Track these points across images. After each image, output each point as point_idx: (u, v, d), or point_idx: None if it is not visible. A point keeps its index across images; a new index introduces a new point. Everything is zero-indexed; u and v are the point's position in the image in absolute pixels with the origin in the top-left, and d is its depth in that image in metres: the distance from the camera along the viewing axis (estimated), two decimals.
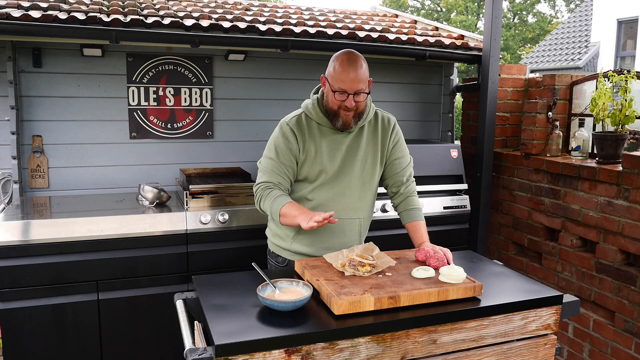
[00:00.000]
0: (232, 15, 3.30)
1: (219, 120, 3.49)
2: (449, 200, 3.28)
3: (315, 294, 1.67)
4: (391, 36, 3.40)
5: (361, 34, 3.33)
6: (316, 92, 2.16)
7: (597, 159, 2.81)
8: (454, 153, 3.33)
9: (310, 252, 2.13)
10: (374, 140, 2.14)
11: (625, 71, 2.74)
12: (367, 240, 2.23)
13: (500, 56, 3.42)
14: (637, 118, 2.70)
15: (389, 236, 2.96)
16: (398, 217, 2.25)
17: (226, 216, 2.75)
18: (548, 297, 1.74)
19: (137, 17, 2.88)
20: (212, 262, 2.75)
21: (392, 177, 2.21)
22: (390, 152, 2.18)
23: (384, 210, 3.06)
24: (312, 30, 3.21)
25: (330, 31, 3.27)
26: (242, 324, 1.49)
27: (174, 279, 2.70)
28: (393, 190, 2.23)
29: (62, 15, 2.73)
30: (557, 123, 3.09)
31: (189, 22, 2.96)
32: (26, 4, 2.90)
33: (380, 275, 1.75)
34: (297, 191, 2.13)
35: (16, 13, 2.68)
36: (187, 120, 3.41)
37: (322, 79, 2.07)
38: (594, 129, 3.04)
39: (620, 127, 2.72)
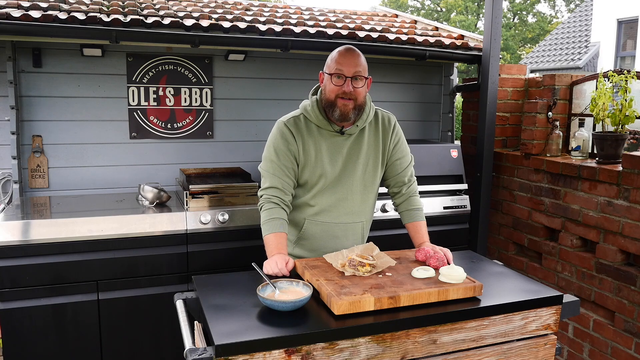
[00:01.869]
0: (232, 15, 3.30)
1: (219, 120, 3.49)
2: (449, 200, 3.28)
3: (315, 294, 1.67)
4: (391, 36, 3.39)
5: (361, 34, 3.33)
6: (314, 94, 2.12)
7: (597, 159, 2.81)
8: (454, 153, 3.33)
9: (312, 256, 2.12)
10: (375, 143, 2.12)
11: (625, 71, 2.74)
12: (367, 240, 2.23)
13: (500, 56, 3.42)
14: (637, 118, 2.70)
15: (389, 236, 2.96)
16: (398, 217, 2.24)
17: (226, 216, 2.75)
18: (548, 297, 1.74)
19: (137, 17, 2.88)
20: (212, 262, 2.75)
21: (394, 177, 2.19)
22: (391, 153, 2.16)
23: (384, 210, 3.06)
24: (312, 30, 3.21)
25: (330, 31, 3.27)
26: (242, 324, 1.49)
27: (174, 279, 2.70)
28: (394, 191, 2.22)
29: (62, 15, 2.73)
30: (557, 123, 3.09)
31: (189, 22, 2.96)
32: (26, 4, 2.90)
33: (380, 275, 1.75)
34: (299, 197, 2.11)
35: (16, 13, 2.68)
36: (187, 120, 3.41)
37: (320, 76, 2.06)
38: (594, 129, 3.04)
39: (620, 127, 2.72)
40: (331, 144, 2.06)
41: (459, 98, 5.68)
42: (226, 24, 3.03)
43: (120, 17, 2.85)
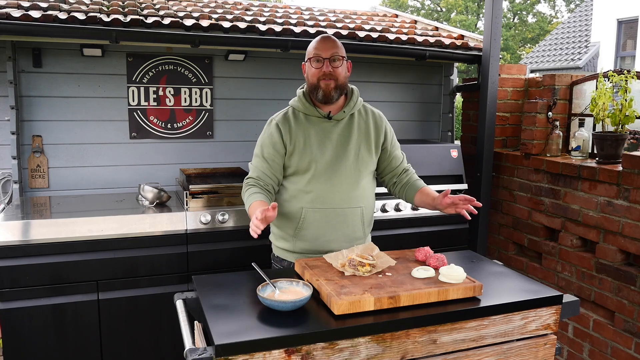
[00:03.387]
0: (232, 15, 3.30)
1: (218, 120, 3.49)
2: None
3: (315, 294, 1.67)
4: (391, 36, 3.39)
5: (361, 34, 3.33)
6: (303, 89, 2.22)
7: (597, 159, 2.81)
8: (454, 153, 3.33)
9: (314, 247, 2.12)
10: (366, 130, 2.17)
11: (625, 71, 2.74)
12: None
13: (500, 56, 3.42)
14: (637, 118, 2.70)
15: (389, 236, 2.96)
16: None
17: (226, 216, 2.75)
18: (548, 297, 1.74)
19: (137, 17, 2.88)
20: (212, 262, 2.75)
21: (397, 167, 2.26)
22: (390, 147, 2.22)
23: (384, 210, 3.06)
24: (312, 30, 3.21)
25: (330, 31, 3.27)
26: (242, 324, 1.49)
27: (174, 279, 2.70)
28: (401, 179, 2.26)
29: (62, 15, 2.73)
30: (557, 123, 3.09)
31: (189, 22, 2.96)
32: (26, 4, 2.90)
33: (380, 275, 1.75)
34: (294, 184, 2.13)
35: (16, 13, 2.68)
36: (187, 120, 3.41)
37: (302, 67, 2.16)
38: (594, 129, 3.04)
39: (620, 127, 2.72)
40: (320, 130, 2.11)
41: (459, 98, 5.67)
42: (226, 24, 3.04)
43: (120, 17, 2.85)
